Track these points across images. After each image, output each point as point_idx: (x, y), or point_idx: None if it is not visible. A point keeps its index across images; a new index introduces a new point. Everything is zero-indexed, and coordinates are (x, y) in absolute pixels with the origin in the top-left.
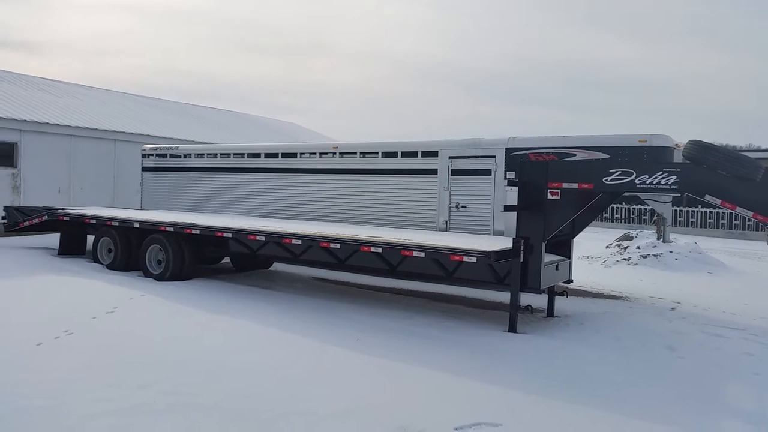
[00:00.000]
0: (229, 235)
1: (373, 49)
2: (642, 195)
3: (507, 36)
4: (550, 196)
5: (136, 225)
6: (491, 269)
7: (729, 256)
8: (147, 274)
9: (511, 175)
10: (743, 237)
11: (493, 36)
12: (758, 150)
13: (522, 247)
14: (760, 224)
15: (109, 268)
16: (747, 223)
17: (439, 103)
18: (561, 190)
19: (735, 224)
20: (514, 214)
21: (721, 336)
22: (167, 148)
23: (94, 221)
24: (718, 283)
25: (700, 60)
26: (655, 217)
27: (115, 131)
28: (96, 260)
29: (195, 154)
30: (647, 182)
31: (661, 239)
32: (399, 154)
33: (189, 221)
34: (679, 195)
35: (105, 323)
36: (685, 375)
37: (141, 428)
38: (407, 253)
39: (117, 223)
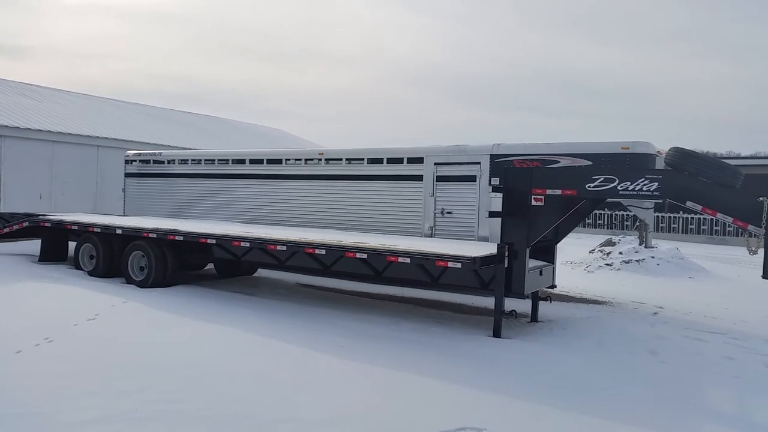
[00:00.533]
0: (213, 242)
1: (366, 53)
2: (624, 201)
3: (501, 42)
4: (534, 203)
5: (119, 231)
6: (476, 275)
7: (710, 262)
8: (129, 281)
9: (496, 181)
10: (724, 243)
11: (488, 42)
12: (738, 157)
13: (506, 253)
14: (740, 230)
15: (91, 275)
16: (727, 229)
17: (433, 108)
18: (545, 197)
19: (716, 230)
20: (498, 220)
21: (702, 340)
22: (151, 154)
23: (75, 227)
24: (699, 288)
25: (688, 67)
26: (637, 223)
27: (97, 137)
28: (78, 267)
29: (179, 160)
30: (629, 188)
31: (643, 245)
32: (385, 161)
33: (172, 227)
34: (660, 201)
35: (86, 330)
36: (667, 379)
37: None
38: (392, 259)
39: (99, 230)
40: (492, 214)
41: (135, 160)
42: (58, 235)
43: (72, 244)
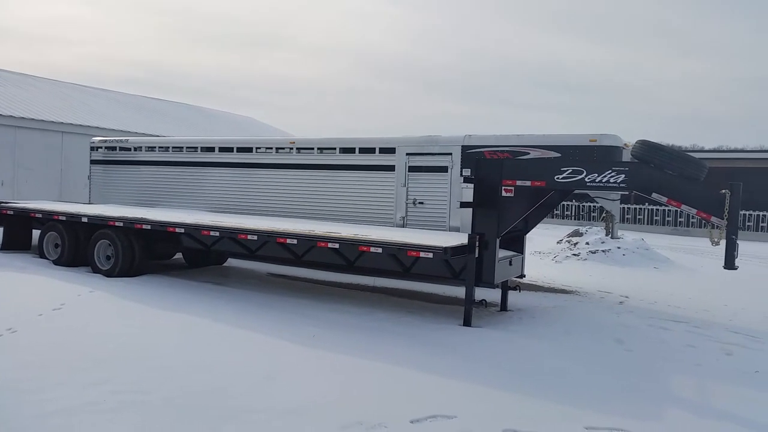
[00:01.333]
0: (182, 231)
1: (335, 42)
2: (591, 193)
3: (472, 33)
4: (504, 194)
5: (85, 219)
6: (447, 264)
7: (674, 252)
8: (96, 270)
9: (467, 172)
10: (688, 234)
11: (459, 33)
12: (702, 150)
13: (477, 243)
14: (704, 222)
15: (56, 264)
16: (691, 220)
17: (403, 98)
18: (515, 188)
19: (680, 221)
20: (469, 211)
21: (666, 329)
22: (117, 141)
23: (40, 215)
24: (663, 278)
25: (657, 64)
26: (603, 214)
27: (62, 123)
28: (42, 256)
29: (146, 147)
30: (597, 180)
31: (610, 235)
32: (357, 150)
33: (139, 216)
34: (627, 193)
35: (52, 321)
36: (632, 366)
37: (92, 427)
38: (365, 248)
39: (64, 218)
40: (463, 205)
41: (101, 147)
42: (22, 223)
43: (36, 233)
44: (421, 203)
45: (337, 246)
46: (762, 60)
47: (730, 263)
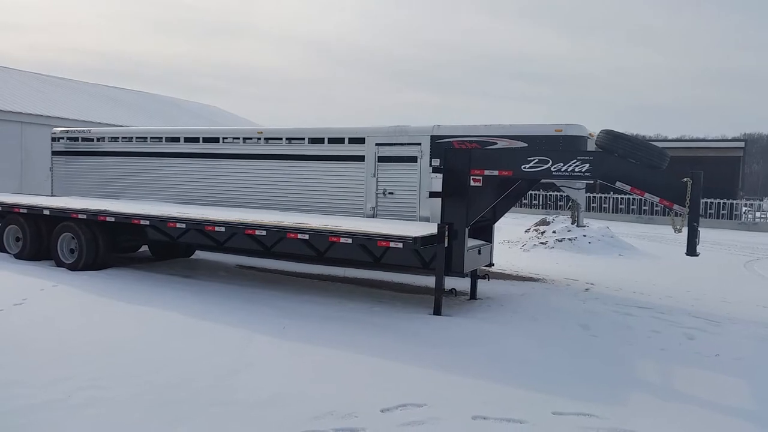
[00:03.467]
0: (147, 223)
1: (301, 32)
2: (557, 182)
3: (434, 26)
4: (472, 183)
5: (47, 212)
6: (417, 254)
7: (638, 240)
8: (59, 264)
9: (436, 162)
10: (651, 221)
11: (421, 25)
12: (665, 140)
13: (446, 233)
14: (666, 209)
15: (18, 258)
16: (655, 208)
17: (371, 89)
18: (483, 177)
19: (644, 210)
20: (438, 201)
21: (631, 315)
22: (79, 131)
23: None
24: (628, 265)
25: (621, 55)
26: (569, 203)
27: (21, 113)
28: (2, 249)
29: (109, 137)
30: (562, 170)
31: (576, 224)
32: (326, 140)
33: (103, 208)
34: (592, 182)
35: (13, 315)
36: (598, 352)
37: (57, 424)
38: (334, 239)
39: (25, 210)
40: (432, 195)
41: (62, 138)
42: None
43: None
44: (391, 193)
45: (306, 237)
46: (725, 53)
47: (692, 250)
